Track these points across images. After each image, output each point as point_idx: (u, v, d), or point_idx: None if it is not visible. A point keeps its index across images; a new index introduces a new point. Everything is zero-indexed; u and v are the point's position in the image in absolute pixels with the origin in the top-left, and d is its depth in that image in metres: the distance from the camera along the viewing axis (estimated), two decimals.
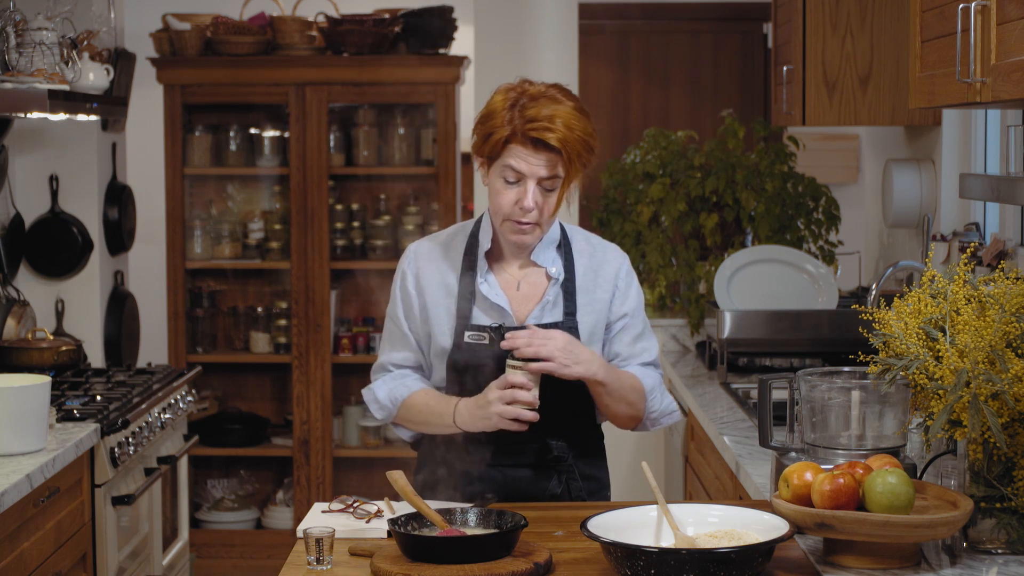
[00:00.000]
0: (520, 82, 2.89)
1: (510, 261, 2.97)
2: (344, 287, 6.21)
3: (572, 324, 2.93)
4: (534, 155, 2.81)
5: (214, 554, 5.99)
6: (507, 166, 2.83)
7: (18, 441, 3.47)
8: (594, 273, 2.98)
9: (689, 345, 5.28)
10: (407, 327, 2.99)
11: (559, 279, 2.95)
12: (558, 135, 2.79)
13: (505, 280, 2.96)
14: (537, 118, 2.79)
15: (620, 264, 3.01)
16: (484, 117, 2.87)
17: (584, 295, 2.96)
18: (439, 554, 2.46)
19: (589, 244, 3.02)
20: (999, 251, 3.84)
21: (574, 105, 2.84)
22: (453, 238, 3.01)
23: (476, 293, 2.93)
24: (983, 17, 2.70)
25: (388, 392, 2.98)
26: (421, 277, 2.98)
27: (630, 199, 5.37)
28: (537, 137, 2.79)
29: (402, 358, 3.01)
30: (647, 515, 2.55)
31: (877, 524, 2.35)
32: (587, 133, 2.83)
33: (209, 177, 6.16)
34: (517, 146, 2.81)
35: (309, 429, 5.95)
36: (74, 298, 5.08)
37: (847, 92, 4.58)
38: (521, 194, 2.84)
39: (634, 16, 7.27)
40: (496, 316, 2.92)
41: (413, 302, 2.98)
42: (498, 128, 2.82)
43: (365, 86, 5.93)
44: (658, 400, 2.99)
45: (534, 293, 2.96)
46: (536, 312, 2.93)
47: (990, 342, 2.46)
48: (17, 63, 4.02)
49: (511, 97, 2.84)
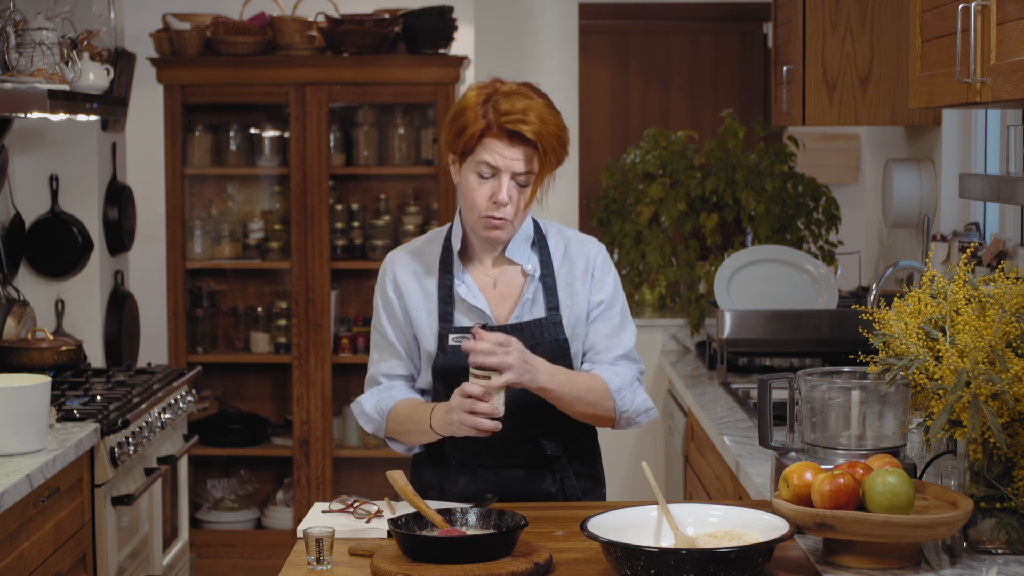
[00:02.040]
0: (491, 80, 2.89)
1: (483, 259, 2.96)
2: (344, 287, 6.21)
3: (557, 319, 2.92)
4: (509, 148, 2.81)
5: (214, 554, 5.99)
6: (481, 161, 2.83)
7: (18, 441, 3.47)
8: (571, 265, 2.97)
9: (689, 345, 5.28)
10: (393, 336, 2.98)
11: (535, 275, 2.94)
12: (533, 127, 2.79)
13: (481, 280, 2.96)
14: (511, 111, 2.79)
15: (597, 253, 3.00)
16: (456, 114, 2.86)
17: (564, 288, 2.96)
18: (439, 554, 2.46)
19: (563, 237, 3.01)
20: (999, 251, 3.84)
21: (545, 102, 2.85)
22: (428, 244, 3.01)
23: (455, 296, 2.93)
24: (983, 17, 2.70)
25: (375, 405, 2.97)
26: (400, 284, 2.97)
27: (630, 199, 5.37)
28: (512, 129, 2.79)
29: (390, 367, 3.00)
30: (647, 515, 2.55)
31: (877, 524, 2.35)
32: (560, 128, 2.84)
33: (209, 177, 6.16)
34: (492, 139, 2.81)
35: (309, 429, 5.95)
36: (74, 298, 5.08)
37: (847, 92, 4.58)
38: (496, 188, 2.83)
39: (634, 16, 7.27)
40: (477, 317, 2.92)
41: (395, 309, 2.97)
42: (472, 122, 2.82)
43: (365, 86, 5.93)
44: (628, 399, 2.94)
45: (511, 292, 2.95)
46: (517, 311, 2.92)
47: (990, 342, 2.46)
48: (17, 63, 4.02)
49: (484, 93, 2.84)
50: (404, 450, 3.01)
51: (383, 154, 6.09)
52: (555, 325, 2.92)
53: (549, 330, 2.92)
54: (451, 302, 2.93)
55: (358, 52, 5.87)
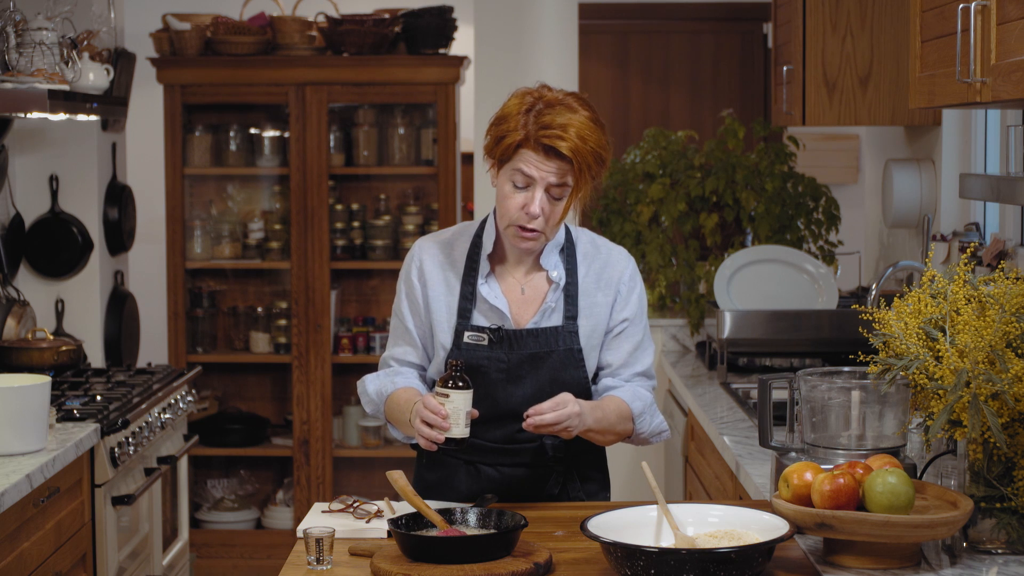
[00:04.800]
0: (539, 87, 2.87)
1: (515, 265, 2.96)
2: (344, 287, 6.21)
3: (573, 328, 2.92)
4: (544, 162, 2.79)
5: (214, 554, 5.99)
6: (517, 170, 2.82)
7: (18, 441, 3.47)
8: (596, 276, 2.97)
9: (689, 345, 5.28)
10: (411, 322, 2.99)
11: (560, 283, 2.94)
12: (570, 144, 2.77)
13: (508, 284, 2.95)
14: (551, 125, 2.78)
15: (624, 268, 2.99)
16: (498, 119, 2.86)
17: (585, 299, 2.95)
18: (439, 554, 2.46)
19: (594, 246, 3.00)
20: (999, 251, 3.84)
21: (589, 116, 2.83)
22: (458, 237, 3.01)
23: (476, 294, 2.93)
24: (983, 17, 2.70)
25: (377, 387, 2.97)
26: (425, 272, 2.97)
27: (630, 199, 5.37)
28: (549, 144, 2.78)
29: (402, 352, 3.01)
30: (647, 515, 2.55)
31: (877, 524, 2.35)
32: (599, 145, 2.82)
33: (209, 177, 6.16)
34: (528, 151, 2.80)
35: (309, 429, 5.95)
36: (74, 298, 5.08)
37: (847, 92, 4.58)
38: (528, 199, 2.82)
39: (634, 16, 7.27)
40: (495, 318, 2.92)
41: (417, 296, 2.97)
42: (511, 132, 2.81)
43: (365, 86, 5.93)
44: (647, 422, 2.97)
45: (536, 297, 2.95)
46: (536, 318, 2.92)
47: (990, 342, 2.46)
48: (17, 63, 4.02)
49: (528, 102, 2.83)
50: (402, 438, 3.00)
51: (383, 154, 6.09)
52: (571, 335, 2.91)
53: (564, 339, 2.91)
54: (472, 299, 2.93)
55: (358, 52, 5.87)
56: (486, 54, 5.48)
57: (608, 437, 2.91)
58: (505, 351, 2.89)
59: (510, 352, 2.89)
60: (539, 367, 2.89)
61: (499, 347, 2.88)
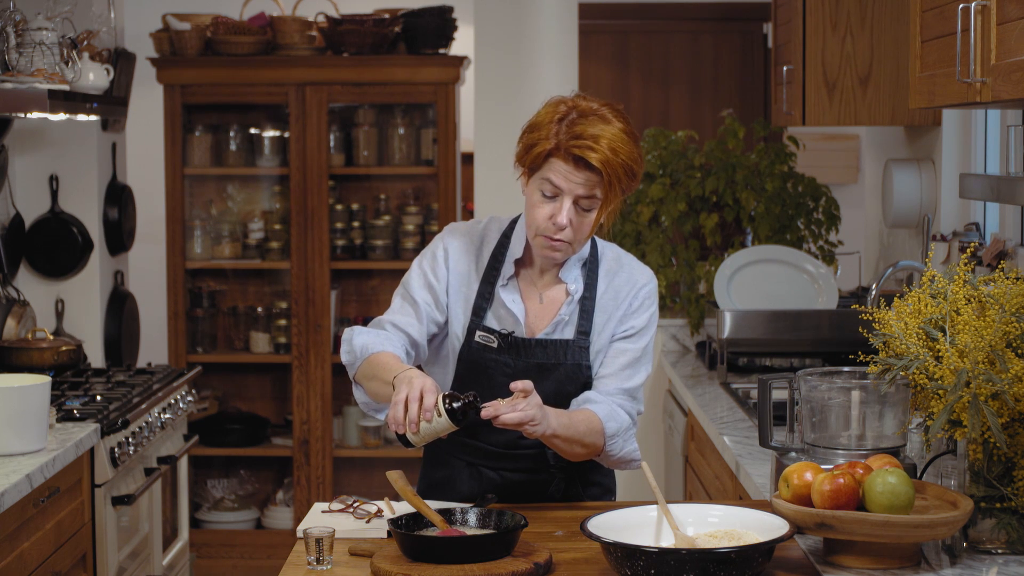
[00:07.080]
0: (574, 96, 2.83)
1: (539, 273, 2.92)
2: (344, 287, 6.21)
3: (584, 344, 2.89)
4: (574, 172, 2.75)
5: (214, 554, 5.99)
6: (546, 179, 2.77)
7: (18, 441, 3.47)
8: (615, 292, 2.93)
9: (689, 345, 5.28)
10: (421, 297, 2.90)
11: (576, 296, 2.90)
12: (600, 156, 2.72)
13: (529, 291, 2.92)
14: (583, 136, 2.73)
15: (644, 284, 2.95)
16: (531, 127, 2.81)
17: (602, 314, 2.91)
18: (439, 554, 2.46)
19: (619, 263, 2.96)
20: (999, 251, 3.84)
21: (623, 127, 2.77)
22: (488, 232, 2.96)
23: (495, 296, 2.91)
24: (983, 17, 2.70)
25: (364, 342, 2.83)
26: (451, 257, 2.93)
27: (630, 199, 5.37)
28: (579, 154, 2.73)
29: (404, 322, 2.89)
30: (647, 515, 2.55)
31: (877, 524, 2.35)
32: (631, 158, 2.76)
33: (209, 177, 6.16)
34: (558, 161, 2.75)
35: (309, 429, 5.95)
36: (74, 298, 5.08)
37: (847, 92, 4.58)
38: (556, 210, 2.78)
39: (634, 16, 7.27)
40: (509, 323, 2.89)
41: (440, 276, 2.91)
42: (542, 140, 2.77)
43: (365, 86, 5.93)
44: (619, 446, 2.87)
45: (553, 308, 2.91)
46: (548, 329, 2.89)
47: (990, 342, 2.46)
48: (17, 63, 4.02)
49: (561, 111, 2.78)
50: (362, 400, 2.87)
51: (383, 154, 6.09)
52: (581, 350, 2.89)
53: (573, 353, 2.88)
54: (489, 300, 2.90)
55: (358, 52, 5.88)
56: (486, 54, 5.48)
57: (576, 449, 2.81)
58: (512, 357, 2.87)
59: (517, 359, 2.87)
60: (545, 378, 2.86)
61: (507, 352, 2.86)
